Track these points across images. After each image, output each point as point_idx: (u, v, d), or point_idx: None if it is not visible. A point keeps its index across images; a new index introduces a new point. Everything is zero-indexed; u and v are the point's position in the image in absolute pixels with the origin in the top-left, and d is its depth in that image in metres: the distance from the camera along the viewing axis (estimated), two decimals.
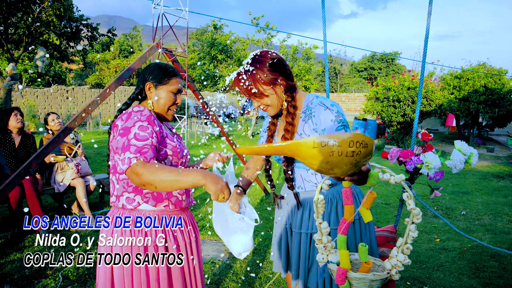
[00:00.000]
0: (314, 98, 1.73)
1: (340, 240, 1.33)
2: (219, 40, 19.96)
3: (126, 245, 1.56)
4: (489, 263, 3.58)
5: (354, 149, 1.03)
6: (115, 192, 1.61)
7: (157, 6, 3.64)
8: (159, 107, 1.66)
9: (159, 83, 1.64)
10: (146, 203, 1.58)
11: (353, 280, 1.34)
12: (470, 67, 14.68)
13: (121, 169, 1.44)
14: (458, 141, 2.18)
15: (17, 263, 3.39)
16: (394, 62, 39.14)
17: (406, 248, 1.32)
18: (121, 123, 1.50)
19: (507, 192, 6.55)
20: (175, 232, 1.65)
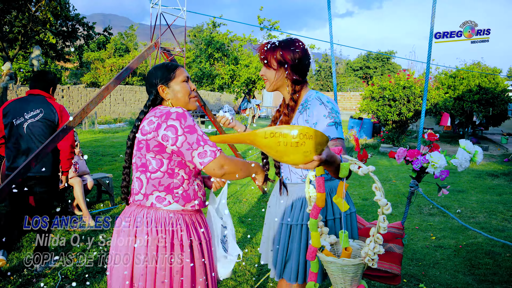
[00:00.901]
0: (313, 93, 1.81)
1: (311, 223, 1.46)
2: (216, 39, 19.94)
3: (150, 245, 1.58)
4: (484, 260, 3.63)
5: (298, 140, 1.14)
6: (143, 190, 1.63)
7: (155, 5, 3.65)
8: (180, 100, 1.71)
9: (168, 80, 1.70)
10: (176, 202, 1.62)
11: (327, 263, 1.46)
12: (465, 66, 14.78)
13: (200, 162, 1.53)
14: (463, 140, 2.23)
15: (15, 262, 3.39)
16: (390, 61, 39.29)
17: (377, 238, 1.39)
18: (179, 123, 1.54)
19: (501, 191, 6.62)
20: (199, 231, 1.70)
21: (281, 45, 1.76)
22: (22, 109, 3.13)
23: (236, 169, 1.58)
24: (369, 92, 12.22)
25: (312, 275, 1.56)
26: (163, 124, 1.54)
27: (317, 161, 1.22)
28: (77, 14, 11.79)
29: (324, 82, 39.63)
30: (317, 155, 1.20)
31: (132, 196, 1.69)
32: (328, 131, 1.68)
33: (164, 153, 1.58)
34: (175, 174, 1.62)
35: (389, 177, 7.76)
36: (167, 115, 1.56)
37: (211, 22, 23.55)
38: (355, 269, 1.45)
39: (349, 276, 1.46)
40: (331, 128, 1.68)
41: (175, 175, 1.62)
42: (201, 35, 25.08)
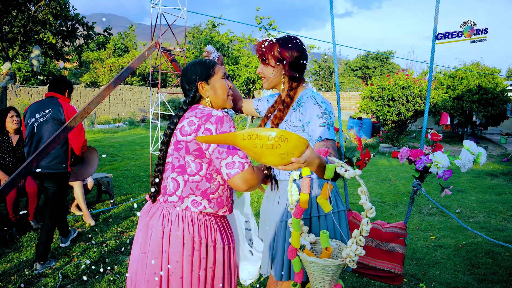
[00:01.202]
0: (309, 92, 1.81)
1: (294, 222, 1.46)
2: (216, 39, 19.96)
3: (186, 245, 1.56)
4: (483, 259, 3.64)
5: (273, 142, 1.17)
6: (179, 192, 1.59)
7: (155, 5, 3.65)
8: (219, 97, 1.71)
9: (208, 77, 1.68)
10: (211, 208, 1.61)
11: (308, 263, 1.46)
12: (464, 66, 14.80)
13: (227, 173, 1.50)
14: (467, 141, 2.23)
15: (16, 262, 3.39)
16: (389, 61, 39.33)
17: (359, 240, 1.40)
18: (215, 128, 1.51)
19: (500, 190, 6.64)
20: (226, 234, 1.70)
21: (279, 42, 1.77)
22: (36, 110, 3.43)
23: (257, 182, 1.55)
24: (368, 92, 12.24)
25: (297, 276, 1.57)
26: (202, 127, 1.52)
27: (295, 163, 1.23)
28: (77, 14, 11.78)
29: (323, 82, 39.65)
30: (296, 157, 1.22)
31: (164, 195, 1.64)
32: (320, 131, 1.68)
33: (204, 157, 1.56)
34: (213, 179, 1.60)
35: (388, 177, 7.77)
36: (208, 117, 1.53)
37: (210, 22, 23.56)
38: (335, 269, 1.46)
39: (328, 276, 1.47)
40: (323, 128, 1.68)
41: (212, 180, 1.60)
42: (199, 35, 25.09)
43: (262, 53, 1.80)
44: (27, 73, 21.09)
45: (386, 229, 2.49)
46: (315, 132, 1.68)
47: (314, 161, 1.31)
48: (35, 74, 21.14)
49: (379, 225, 2.55)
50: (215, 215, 1.65)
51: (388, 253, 2.39)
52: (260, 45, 1.81)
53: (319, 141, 1.66)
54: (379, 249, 2.42)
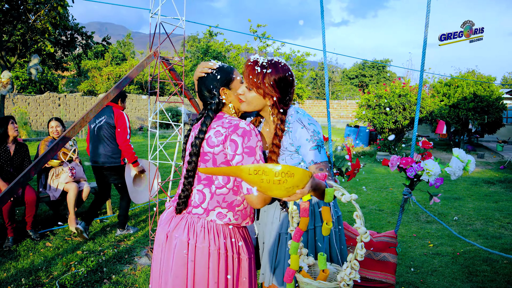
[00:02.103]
0: (294, 113, 1.76)
1: (293, 246, 1.46)
2: (213, 47, 20.07)
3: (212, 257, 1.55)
4: (481, 267, 3.65)
5: (280, 178, 1.21)
6: (205, 205, 1.58)
7: (154, 15, 3.69)
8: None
9: (229, 82, 1.67)
10: (236, 220, 1.61)
11: (304, 284, 1.48)
12: (460, 75, 14.93)
13: (248, 188, 1.49)
14: (456, 149, 2.25)
15: (12, 271, 3.37)
16: (385, 69, 39.59)
17: (353, 264, 1.42)
18: (242, 141, 1.50)
19: (497, 198, 6.66)
20: (249, 246, 1.70)
21: (269, 69, 1.67)
22: (97, 116, 4.25)
23: (269, 200, 1.54)
24: (365, 100, 12.31)
25: None
26: (229, 138, 1.52)
27: (300, 194, 1.28)
28: (76, 23, 11.85)
29: (320, 91, 39.81)
30: (300, 189, 1.27)
31: (189, 207, 1.62)
32: (311, 154, 1.69)
33: None
34: (239, 191, 1.60)
35: (386, 185, 7.79)
36: (235, 128, 1.52)
37: (207, 31, 23.72)
38: None
39: None
40: (314, 152, 1.68)
41: (239, 192, 1.60)
42: (196, 44, 25.20)
43: (253, 80, 1.67)
44: (24, 81, 21.11)
45: (376, 239, 2.48)
46: (307, 156, 1.70)
47: (315, 187, 1.34)
48: (32, 82, 21.16)
49: (369, 235, 2.53)
50: (238, 226, 1.65)
51: (380, 263, 2.38)
52: (253, 68, 1.67)
53: (313, 165, 1.68)
54: (370, 259, 2.40)
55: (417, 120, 2.31)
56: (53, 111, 18.17)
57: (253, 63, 1.68)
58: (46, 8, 9.34)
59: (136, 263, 3.63)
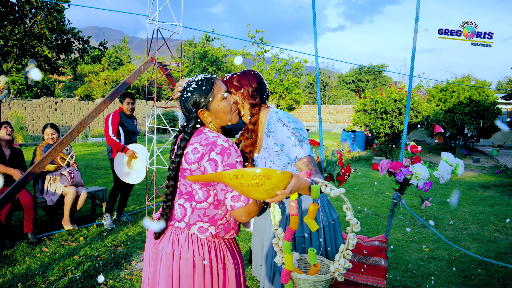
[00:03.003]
0: (274, 114, 1.84)
1: (285, 246, 1.49)
2: (210, 53, 20.11)
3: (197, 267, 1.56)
4: (477, 271, 3.67)
5: (257, 181, 1.24)
6: (186, 219, 1.58)
7: (151, 21, 3.71)
8: (223, 120, 1.66)
9: (207, 103, 1.60)
10: (218, 234, 1.61)
11: (299, 281, 1.51)
12: (455, 79, 15.04)
13: (232, 205, 1.49)
14: (445, 153, 2.27)
15: (9, 277, 3.36)
16: (381, 74, 39.79)
17: (346, 254, 1.46)
18: (221, 159, 1.48)
19: (493, 202, 6.71)
20: (235, 255, 1.70)
21: (237, 74, 1.89)
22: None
23: (257, 213, 1.54)
24: (362, 105, 12.37)
25: None
26: (206, 156, 1.49)
27: (281, 195, 1.30)
28: (73, 28, 11.86)
29: (316, 95, 39.92)
30: (281, 190, 1.29)
31: (172, 221, 1.62)
32: (294, 151, 1.72)
33: (210, 186, 1.54)
34: (221, 205, 1.60)
35: (382, 189, 7.82)
36: (212, 146, 1.50)
37: (204, 36, 23.78)
38: (325, 284, 1.51)
39: None
40: (296, 148, 1.72)
41: (220, 206, 1.60)
42: (192, 48, 25.24)
43: (225, 84, 1.85)
44: (21, 86, 21.06)
45: (367, 243, 2.48)
46: (291, 153, 1.74)
47: (300, 187, 1.37)
48: (29, 87, 21.11)
49: (360, 239, 2.53)
50: (224, 240, 1.66)
51: (371, 267, 2.37)
52: (223, 78, 1.91)
53: (298, 161, 1.71)
54: (361, 263, 2.40)
55: (406, 124, 2.34)
56: (49, 116, 18.13)
57: (224, 75, 1.93)
58: (43, 13, 9.36)
59: (133, 268, 3.63)
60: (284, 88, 19.48)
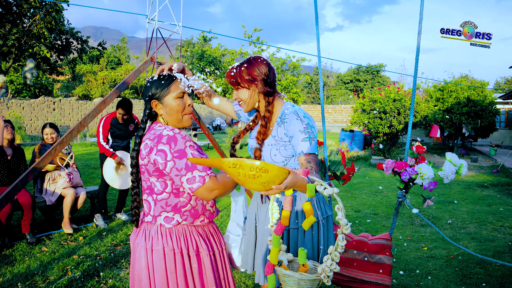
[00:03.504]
0: (290, 106, 1.88)
1: (274, 239, 1.53)
2: (208, 52, 20.11)
3: (167, 257, 1.60)
4: (475, 270, 3.69)
5: (254, 173, 1.28)
6: (152, 212, 1.64)
7: (151, 21, 3.72)
8: (173, 118, 1.67)
9: (161, 96, 1.64)
10: (185, 220, 1.63)
11: (284, 277, 1.54)
12: (453, 79, 15.08)
13: (190, 187, 1.52)
14: (449, 153, 2.30)
15: (8, 276, 3.37)
16: (379, 74, 39.85)
17: (335, 256, 1.47)
18: (169, 148, 1.52)
19: (490, 201, 6.73)
20: (210, 242, 1.72)
21: (244, 65, 1.85)
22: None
23: (225, 189, 1.56)
24: (360, 105, 12.40)
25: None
26: (154, 149, 1.53)
27: (276, 190, 1.34)
28: (71, 28, 11.84)
29: (315, 95, 39.96)
30: (277, 185, 1.33)
31: (143, 217, 1.69)
32: (302, 145, 1.76)
33: (165, 176, 1.58)
34: (181, 193, 1.62)
35: (381, 189, 7.84)
36: (159, 138, 1.54)
37: (201, 36, 23.78)
38: (311, 284, 1.52)
39: None
40: (305, 143, 1.76)
41: (180, 194, 1.62)
42: (191, 48, 25.24)
43: (234, 79, 1.85)
44: (19, 85, 21.01)
45: (372, 241, 2.51)
46: (297, 146, 1.77)
47: (296, 184, 1.40)
48: (27, 86, 21.07)
49: (364, 237, 2.56)
50: (195, 227, 1.68)
51: (376, 265, 2.40)
52: (229, 73, 1.88)
53: (302, 155, 1.75)
54: (366, 261, 2.43)
55: (410, 124, 2.35)
56: (47, 116, 18.09)
57: (231, 68, 1.88)
58: (42, 12, 9.34)
59: None
60: (282, 87, 19.50)
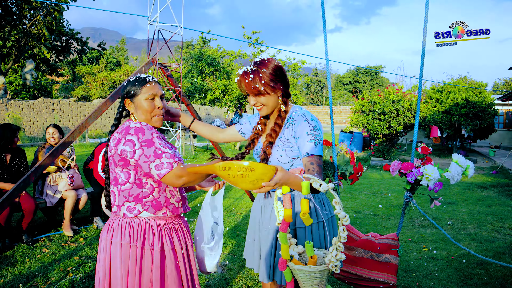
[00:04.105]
0: (298, 109, 1.91)
1: (281, 237, 1.59)
2: (207, 54, 20.10)
3: (123, 249, 1.66)
4: (475, 270, 3.70)
5: (242, 172, 1.36)
6: (116, 202, 1.72)
7: (152, 22, 3.73)
8: (142, 117, 1.76)
9: (133, 96, 1.75)
10: (146, 211, 1.69)
11: (296, 271, 1.62)
12: (452, 81, 15.12)
13: (158, 173, 1.57)
14: (456, 154, 2.31)
15: (9, 277, 3.36)
16: (378, 75, 39.92)
17: (338, 246, 1.55)
18: (136, 138, 1.60)
19: (490, 202, 6.75)
20: (172, 236, 1.75)
21: (261, 68, 1.80)
22: None
23: (195, 177, 1.61)
24: (359, 106, 12.41)
25: (288, 285, 1.69)
26: (122, 139, 1.61)
27: (266, 187, 1.40)
28: (71, 29, 11.84)
29: (314, 96, 40.02)
30: (266, 182, 1.39)
31: (112, 207, 1.78)
32: (308, 147, 1.78)
33: (129, 165, 1.65)
34: (143, 183, 1.68)
35: (380, 190, 7.85)
36: (126, 130, 1.62)
37: (200, 38, 23.78)
38: (321, 274, 1.60)
39: (315, 281, 1.61)
40: (310, 144, 1.79)
41: (143, 185, 1.68)
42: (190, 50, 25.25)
43: (251, 86, 1.80)
44: (18, 86, 20.98)
45: (379, 241, 2.55)
46: (303, 147, 1.79)
47: (287, 181, 1.46)
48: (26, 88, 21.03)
49: (372, 237, 2.61)
50: (157, 219, 1.72)
51: (382, 264, 2.45)
52: (245, 81, 1.81)
53: (306, 157, 1.77)
54: (373, 260, 2.48)
55: (416, 126, 2.36)
56: (47, 117, 18.07)
57: (243, 75, 1.82)
58: (42, 13, 9.34)
59: None
60: None
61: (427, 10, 2.20)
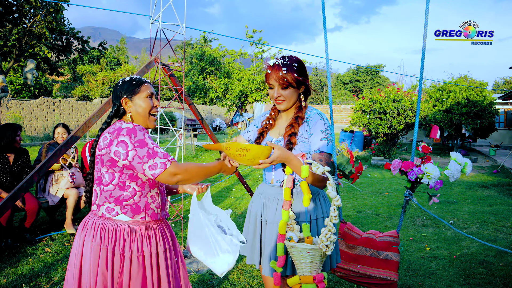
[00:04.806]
0: (313, 109, 2.03)
1: (283, 213, 1.82)
2: (208, 53, 20.11)
3: (93, 251, 1.66)
4: (478, 269, 3.70)
5: (239, 152, 1.61)
6: (97, 201, 1.73)
7: (155, 21, 3.72)
8: (141, 115, 1.79)
9: (132, 94, 1.77)
10: (124, 214, 1.70)
11: (290, 249, 1.74)
12: (452, 80, 15.11)
13: (152, 174, 1.58)
14: (454, 152, 2.33)
15: (12, 277, 3.36)
16: (378, 74, 39.91)
17: (329, 226, 1.66)
18: (129, 139, 1.60)
19: (491, 201, 6.75)
20: (143, 243, 1.72)
21: (293, 64, 1.88)
22: None
23: (190, 175, 1.64)
24: (360, 106, 12.41)
25: (279, 259, 1.82)
26: (115, 141, 1.61)
27: (263, 163, 1.64)
28: (72, 28, 11.84)
29: (314, 95, 40.02)
30: (263, 159, 1.63)
31: (92, 206, 1.79)
32: (320, 144, 1.89)
33: (116, 167, 1.66)
34: (126, 186, 1.69)
35: (381, 189, 7.85)
36: (118, 131, 1.63)
37: (201, 37, 23.80)
38: (312, 253, 1.68)
39: (308, 261, 1.70)
40: (323, 142, 1.89)
41: (126, 188, 1.69)
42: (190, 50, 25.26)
43: (283, 78, 1.86)
44: (18, 86, 20.98)
45: (379, 238, 2.58)
46: (315, 144, 1.88)
47: (286, 159, 1.68)
48: (27, 87, 21.03)
49: (373, 234, 2.64)
50: (133, 223, 1.71)
51: (383, 261, 2.48)
52: (277, 71, 1.87)
53: (317, 153, 1.85)
54: (374, 257, 2.51)
55: (417, 125, 2.37)
56: (47, 116, 18.07)
57: (275, 67, 1.88)
58: (42, 12, 9.34)
59: None
60: None
61: (427, 11, 2.20)
